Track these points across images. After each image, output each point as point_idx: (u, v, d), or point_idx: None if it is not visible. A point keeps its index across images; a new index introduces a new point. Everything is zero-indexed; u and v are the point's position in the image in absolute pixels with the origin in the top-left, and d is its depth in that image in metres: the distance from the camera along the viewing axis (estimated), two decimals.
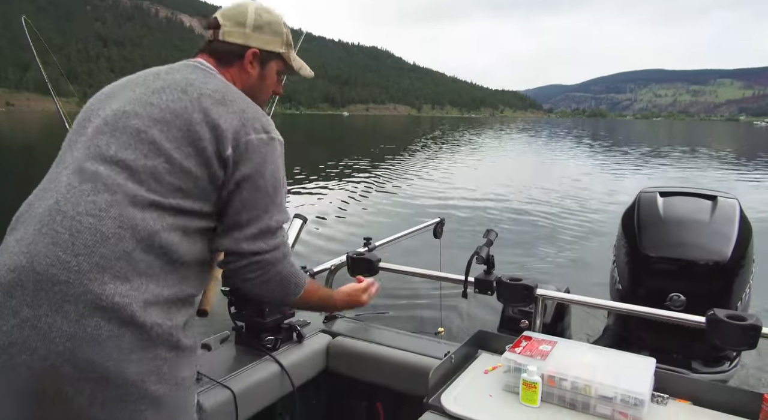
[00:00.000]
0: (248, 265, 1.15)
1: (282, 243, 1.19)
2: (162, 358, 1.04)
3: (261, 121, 1.19)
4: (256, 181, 1.14)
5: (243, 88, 1.28)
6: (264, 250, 1.15)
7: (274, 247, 1.16)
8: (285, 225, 1.21)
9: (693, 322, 1.59)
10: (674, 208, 2.45)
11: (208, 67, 1.25)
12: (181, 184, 1.09)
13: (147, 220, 1.04)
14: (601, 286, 3.12)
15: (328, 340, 1.96)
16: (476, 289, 1.88)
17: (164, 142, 1.09)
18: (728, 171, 18.92)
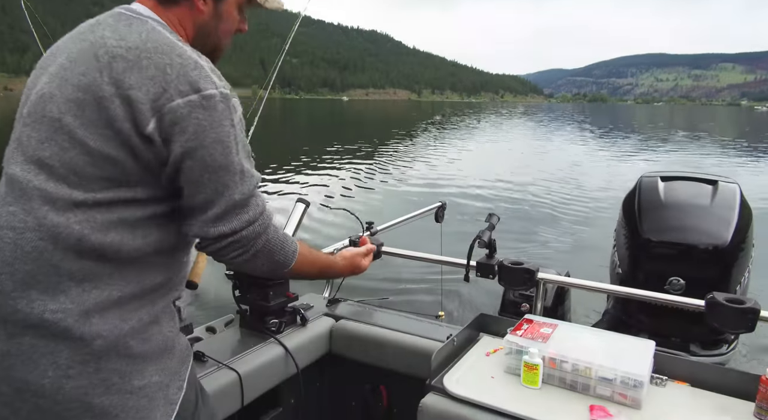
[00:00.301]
0: (226, 246, 1.01)
1: (257, 214, 1.02)
2: (109, 369, 0.95)
3: (189, 77, 0.94)
4: (200, 155, 0.94)
5: (195, 33, 1.10)
6: (237, 229, 1.00)
7: (248, 222, 1.01)
8: (257, 192, 1.04)
9: (692, 305, 1.61)
10: (675, 193, 2.46)
11: (136, 14, 1.02)
12: (108, 174, 0.94)
13: (72, 225, 0.91)
14: (601, 269, 3.15)
15: (331, 323, 1.98)
16: (478, 272, 1.90)
17: (78, 128, 0.92)
18: (729, 157, 18.88)
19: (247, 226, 1.01)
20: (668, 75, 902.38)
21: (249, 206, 1.01)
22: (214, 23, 1.11)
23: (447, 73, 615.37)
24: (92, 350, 0.93)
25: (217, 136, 0.95)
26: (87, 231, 0.92)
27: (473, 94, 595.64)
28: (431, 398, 1.40)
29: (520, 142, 24.69)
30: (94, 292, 0.93)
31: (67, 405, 0.92)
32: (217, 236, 0.99)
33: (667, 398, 1.37)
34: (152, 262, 1.01)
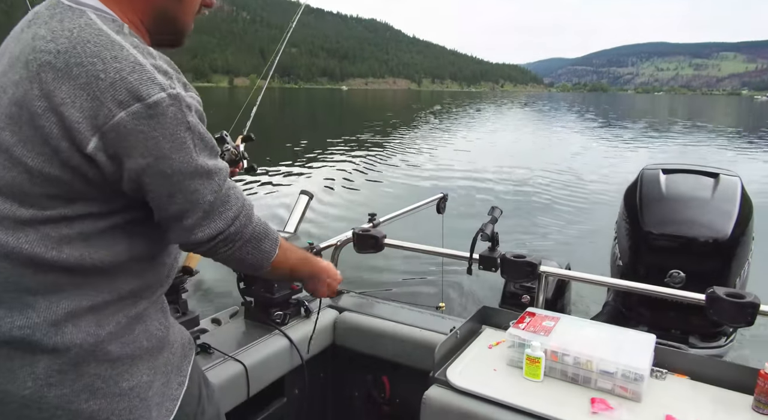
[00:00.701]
0: (214, 246, 0.97)
1: (238, 210, 0.97)
2: (91, 374, 0.92)
3: (127, 84, 0.82)
4: (158, 170, 0.86)
5: (153, 18, 0.98)
6: (223, 228, 0.95)
7: (233, 218, 0.96)
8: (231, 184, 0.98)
9: (693, 299, 1.62)
10: (676, 185, 2.47)
11: (75, 2, 0.89)
12: (56, 192, 0.86)
13: (21, 245, 0.86)
14: (601, 260, 3.17)
15: (334, 315, 2.00)
16: (480, 265, 1.91)
17: (16, 146, 0.84)
18: (727, 148, 18.89)
19: (233, 222, 0.97)
20: (669, 64, 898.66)
21: (229, 202, 0.96)
22: (174, 5, 0.99)
23: (447, 63, 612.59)
24: (69, 359, 0.90)
25: (172, 145, 0.86)
26: (40, 249, 0.86)
27: (473, 83, 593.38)
28: (435, 390, 1.42)
29: (521, 132, 24.65)
30: (64, 303, 0.89)
31: (52, 412, 0.91)
32: (204, 241, 0.95)
33: (667, 391, 1.39)
34: (127, 269, 0.95)
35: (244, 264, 1.04)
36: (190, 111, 0.89)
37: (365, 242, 2.10)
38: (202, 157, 0.91)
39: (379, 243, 2.10)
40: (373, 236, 2.09)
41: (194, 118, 0.90)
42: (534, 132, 24.33)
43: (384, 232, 2.17)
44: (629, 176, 2.74)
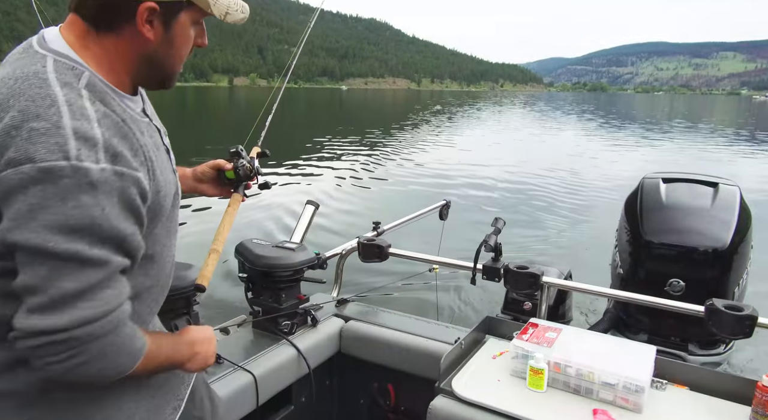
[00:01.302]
0: (40, 346, 0.80)
1: (101, 313, 0.82)
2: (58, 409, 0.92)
3: (32, 143, 0.78)
4: (26, 238, 0.78)
5: (140, 63, 0.95)
6: (62, 327, 0.79)
7: (84, 320, 0.80)
8: (108, 285, 0.84)
9: (692, 311, 1.66)
10: (676, 195, 2.51)
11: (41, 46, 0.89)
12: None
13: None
14: (602, 267, 3.19)
15: (341, 324, 2.04)
16: (484, 275, 1.95)
17: None
18: (728, 148, 18.93)
19: (82, 325, 0.80)
20: (668, 64, 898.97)
21: (87, 299, 0.81)
22: (164, 50, 0.96)
23: (446, 62, 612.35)
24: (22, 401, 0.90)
25: (48, 220, 0.78)
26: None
27: (473, 82, 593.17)
28: (440, 401, 1.46)
29: (522, 132, 24.67)
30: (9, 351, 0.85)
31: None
32: (30, 331, 0.79)
33: (667, 402, 1.43)
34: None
35: (79, 378, 0.86)
36: (91, 189, 0.80)
37: (370, 252, 2.14)
38: (80, 243, 0.80)
39: (384, 252, 2.13)
40: (378, 246, 2.13)
41: (91, 199, 0.80)
42: (535, 133, 24.33)
43: (388, 240, 2.20)
44: (630, 178, 2.77)
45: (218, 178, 1.48)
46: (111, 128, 0.86)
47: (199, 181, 1.47)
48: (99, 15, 0.90)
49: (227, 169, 1.47)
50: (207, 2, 0.96)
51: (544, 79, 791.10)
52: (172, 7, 0.93)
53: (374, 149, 15.42)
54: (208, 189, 1.49)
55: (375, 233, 2.47)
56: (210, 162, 1.48)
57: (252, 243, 1.94)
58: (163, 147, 1.04)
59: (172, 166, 1.07)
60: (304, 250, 1.95)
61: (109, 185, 0.82)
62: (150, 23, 0.92)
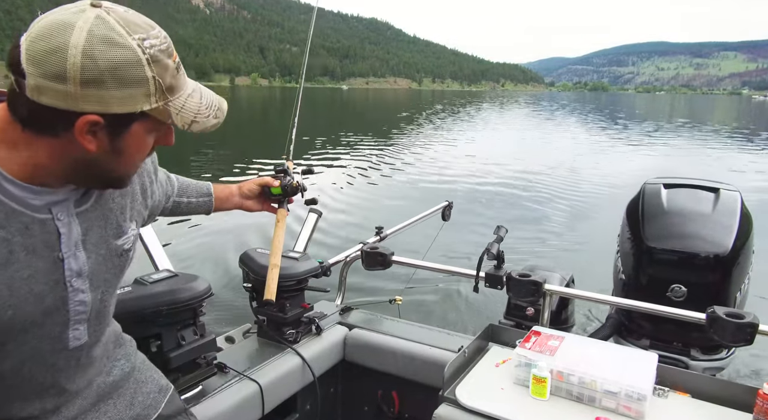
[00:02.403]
0: None
1: None
2: None
3: None
4: None
5: (78, 163, 0.84)
6: None
7: None
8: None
9: (693, 318, 1.67)
10: (678, 200, 2.52)
11: None
12: None
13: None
14: (603, 272, 3.20)
15: (345, 332, 2.05)
16: (487, 283, 1.96)
17: None
18: (727, 150, 18.92)
19: None
20: (669, 64, 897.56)
21: None
22: (108, 159, 0.85)
23: (447, 62, 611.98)
24: None
25: None
26: None
27: (474, 82, 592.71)
28: (444, 409, 1.48)
29: (523, 133, 24.66)
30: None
31: None
32: None
33: (668, 409, 1.45)
34: None
35: None
36: None
37: (374, 259, 2.15)
38: None
39: (387, 260, 2.15)
40: (382, 254, 2.14)
41: None
42: (536, 134, 24.31)
43: (392, 248, 2.22)
44: (632, 181, 2.79)
45: (263, 195, 1.55)
46: None
47: (246, 198, 1.53)
48: (29, 119, 0.79)
49: (274, 186, 1.53)
50: (167, 113, 0.84)
51: (545, 79, 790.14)
52: (120, 119, 0.81)
53: (375, 150, 15.43)
54: (254, 205, 1.55)
55: (378, 238, 2.49)
56: (257, 179, 1.54)
57: (256, 253, 1.96)
58: (50, 253, 0.90)
59: (57, 277, 0.91)
60: (308, 259, 1.97)
61: None
62: (92, 134, 0.80)
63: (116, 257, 1.03)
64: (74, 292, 0.95)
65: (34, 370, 0.95)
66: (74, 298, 0.95)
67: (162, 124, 0.86)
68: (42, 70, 0.74)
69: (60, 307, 0.93)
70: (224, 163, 13.12)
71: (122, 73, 0.77)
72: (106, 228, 0.99)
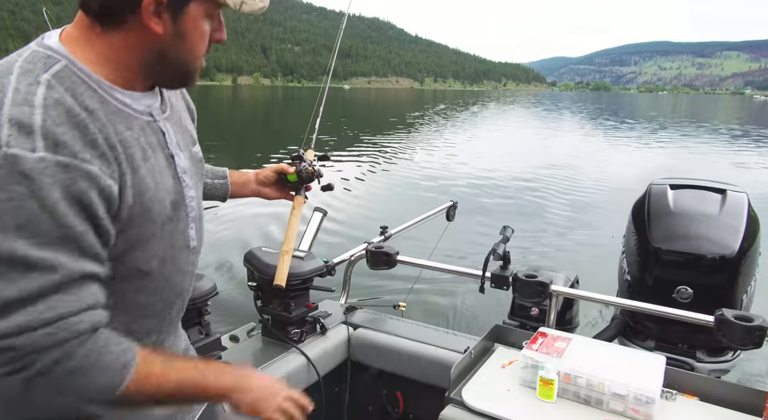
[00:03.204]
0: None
1: (43, 320, 0.74)
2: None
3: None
4: None
5: (151, 59, 0.90)
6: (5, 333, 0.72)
7: (19, 328, 0.72)
8: (56, 291, 0.75)
9: (701, 320, 1.66)
10: (684, 201, 2.50)
11: (29, 47, 0.86)
12: None
13: None
14: (609, 272, 3.18)
15: (349, 331, 2.04)
16: (493, 284, 1.96)
17: None
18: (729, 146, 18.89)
19: (23, 332, 0.72)
20: (672, 63, 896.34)
21: (29, 306, 0.73)
22: (176, 45, 0.90)
23: (449, 61, 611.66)
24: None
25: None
26: None
27: (476, 82, 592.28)
28: (451, 410, 1.47)
29: (526, 132, 24.63)
30: None
31: None
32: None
33: (677, 412, 1.44)
34: None
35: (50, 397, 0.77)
36: (27, 180, 0.73)
37: (378, 259, 2.14)
38: (22, 242, 0.73)
39: (392, 260, 2.14)
40: (386, 253, 2.13)
41: (27, 191, 0.73)
42: (540, 133, 24.26)
43: (396, 247, 2.21)
44: (637, 180, 2.77)
45: (280, 182, 1.52)
46: (60, 116, 0.78)
47: (262, 185, 1.51)
48: (102, 10, 0.85)
49: (290, 172, 1.50)
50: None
51: (547, 79, 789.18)
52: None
53: (379, 149, 15.41)
54: (271, 192, 1.53)
55: (382, 238, 2.48)
56: (273, 166, 1.52)
57: (261, 251, 1.95)
58: (163, 151, 0.97)
59: (173, 173, 0.99)
60: (313, 258, 1.96)
61: (49, 177, 0.74)
62: (157, 16, 0.86)
63: (198, 162, 1.11)
64: (186, 188, 1.02)
65: (171, 270, 1.00)
66: (188, 193, 1.03)
67: (216, 6, 0.91)
68: None
69: (180, 202, 1.00)
70: (233, 160, 13.14)
71: None
72: (183, 134, 1.06)
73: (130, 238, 0.88)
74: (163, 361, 0.87)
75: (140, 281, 0.94)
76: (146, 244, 0.92)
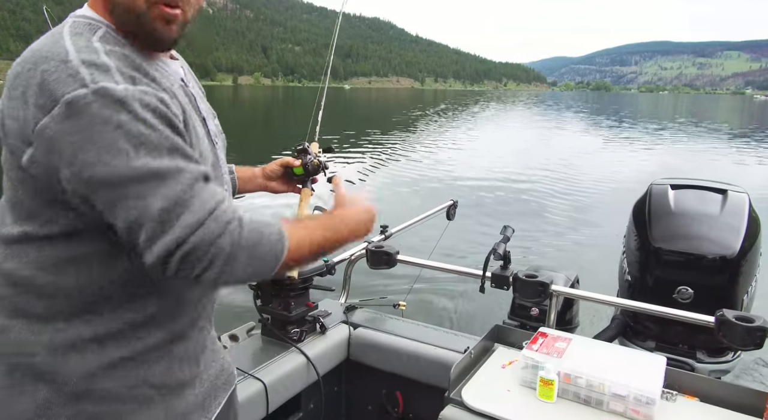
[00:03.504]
0: (180, 266, 0.78)
1: (205, 213, 0.79)
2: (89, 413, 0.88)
3: (48, 85, 0.77)
4: (89, 178, 0.77)
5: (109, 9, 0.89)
6: (181, 239, 0.77)
7: (192, 226, 0.78)
8: (197, 188, 0.81)
9: (701, 321, 1.66)
10: (685, 202, 2.50)
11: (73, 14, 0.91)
12: (25, 211, 0.86)
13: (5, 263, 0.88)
14: (609, 271, 3.18)
15: (349, 330, 2.04)
16: (493, 283, 1.95)
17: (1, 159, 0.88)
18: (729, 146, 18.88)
19: (195, 230, 0.78)
20: (672, 63, 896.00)
21: (187, 207, 0.78)
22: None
23: (450, 61, 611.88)
24: (66, 392, 0.87)
25: (99, 148, 0.76)
26: (26, 272, 0.86)
27: (476, 82, 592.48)
28: (450, 410, 1.46)
29: (527, 132, 24.61)
30: (65, 330, 0.87)
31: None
32: (160, 260, 0.77)
33: (677, 413, 1.43)
34: (129, 298, 0.90)
35: (239, 281, 0.86)
36: (124, 106, 0.78)
37: (378, 258, 2.14)
38: (144, 158, 0.77)
39: (392, 259, 2.14)
40: (387, 253, 2.13)
41: (128, 115, 0.78)
42: (540, 133, 24.25)
43: (396, 247, 2.21)
44: (637, 180, 2.77)
45: (286, 175, 1.53)
46: (122, 61, 0.84)
47: (269, 179, 1.51)
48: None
49: (296, 165, 1.51)
50: None
51: (548, 79, 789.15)
52: None
53: (379, 149, 15.40)
54: (278, 186, 1.53)
55: (383, 237, 2.47)
56: (278, 160, 1.52)
57: None
58: (196, 113, 0.99)
59: (207, 136, 1.01)
60: None
61: (138, 101, 0.80)
62: None
63: (221, 133, 1.13)
64: (219, 150, 1.06)
65: None
66: (220, 156, 1.06)
67: None
68: None
69: (216, 164, 1.02)
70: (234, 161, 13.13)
71: None
72: (205, 103, 1.10)
73: None
74: (304, 225, 0.97)
75: None
76: None
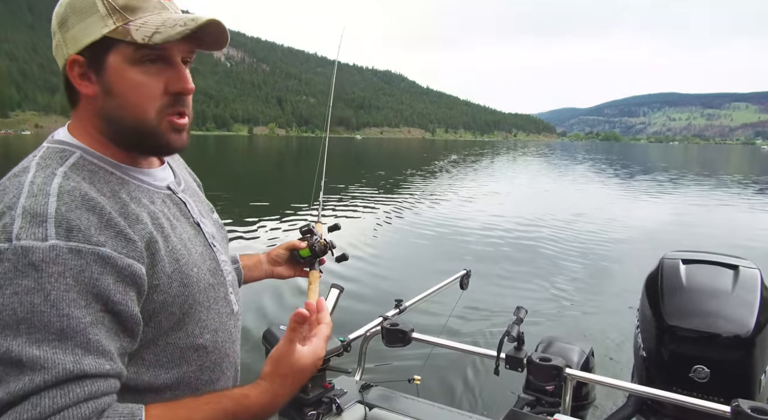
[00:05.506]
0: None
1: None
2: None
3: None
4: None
5: (105, 125, 0.89)
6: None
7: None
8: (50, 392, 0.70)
9: (717, 410, 1.66)
10: (697, 277, 2.52)
11: (42, 145, 0.89)
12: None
13: None
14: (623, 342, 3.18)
15: (365, 411, 2.05)
16: (507, 365, 1.97)
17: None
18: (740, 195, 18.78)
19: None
20: (681, 114, 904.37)
21: (13, 408, 0.68)
22: (109, 102, 0.86)
23: (460, 112, 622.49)
24: None
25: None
26: None
27: (486, 132, 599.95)
28: None
29: (538, 186, 24.72)
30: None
31: None
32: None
33: None
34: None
35: None
36: (35, 271, 0.71)
37: (394, 337, 2.17)
38: (13, 339, 0.69)
39: (408, 337, 2.16)
40: (402, 331, 2.16)
41: (33, 282, 0.71)
42: (550, 188, 24.28)
43: (411, 318, 2.24)
44: (652, 236, 2.78)
45: (293, 258, 1.48)
46: (74, 202, 0.77)
47: (275, 264, 1.47)
48: (66, 92, 0.89)
49: (302, 247, 1.47)
50: (127, 31, 0.82)
51: (557, 129, 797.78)
52: (93, 52, 0.84)
53: (389, 205, 15.45)
54: (285, 271, 1.49)
55: (397, 311, 2.51)
56: (283, 244, 1.48)
57: (280, 330, 1.99)
58: (188, 220, 1.00)
59: (204, 240, 1.01)
60: (331, 338, 1.99)
61: (60, 265, 0.72)
62: (86, 78, 0.86)
63: (221, 228, 1.14)
64: (218, 253, 1.04)
65: (224, 339, 1.01)
66: (220, 258, 1.04)
67: (132, 47, 0.84)
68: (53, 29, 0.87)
69: (216, 269, 1.01)
70: (244, 210, 13.28)
71: (76, 4, 0.84)
72: (201, 204, 1.10)
73: (178, 311, 0.89)
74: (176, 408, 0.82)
75: (199, 358, 0.96)
76: (196, 315, 0.94)
